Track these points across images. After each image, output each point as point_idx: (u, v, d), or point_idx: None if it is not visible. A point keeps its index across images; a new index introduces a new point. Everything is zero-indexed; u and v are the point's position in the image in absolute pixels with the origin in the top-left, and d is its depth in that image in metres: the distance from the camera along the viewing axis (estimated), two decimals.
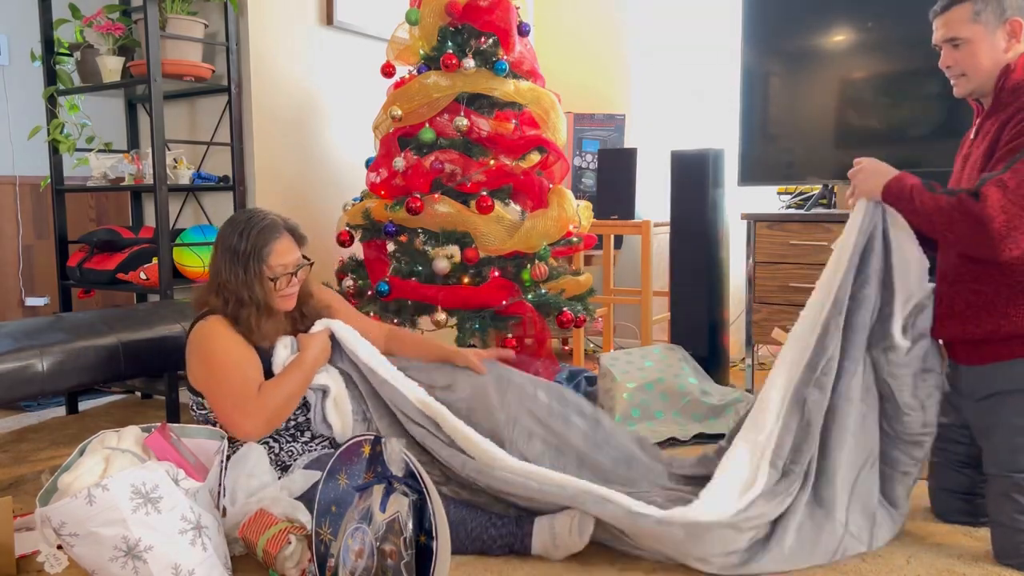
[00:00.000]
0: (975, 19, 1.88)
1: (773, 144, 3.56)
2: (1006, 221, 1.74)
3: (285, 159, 3.32)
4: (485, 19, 2.89)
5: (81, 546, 1.59)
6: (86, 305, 3.60)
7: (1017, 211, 1.74)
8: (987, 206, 1.74)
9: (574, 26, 4.60)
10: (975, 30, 1.88)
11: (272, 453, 2.09)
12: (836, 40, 3.41)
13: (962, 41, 1.90)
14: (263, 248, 2.03)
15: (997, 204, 1.74)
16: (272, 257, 2.03)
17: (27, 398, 2.25)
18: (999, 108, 1.91)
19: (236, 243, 2.03)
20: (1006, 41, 1.88)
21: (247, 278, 2.02)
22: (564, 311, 2.89)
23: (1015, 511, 1.83)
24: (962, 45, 1.91)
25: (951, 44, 1.93)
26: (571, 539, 1.84)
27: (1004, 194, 1.75)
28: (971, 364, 1.94)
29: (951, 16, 1.91)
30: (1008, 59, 1.89)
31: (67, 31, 3.23)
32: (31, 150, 3.61)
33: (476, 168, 2.86)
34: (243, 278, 2.02)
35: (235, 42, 3.13)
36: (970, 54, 1.90)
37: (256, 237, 2.03)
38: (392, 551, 1.57)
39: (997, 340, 1.87)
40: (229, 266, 2.03)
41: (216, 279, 2.07)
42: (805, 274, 3.31)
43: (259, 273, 2.02)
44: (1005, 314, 1.85)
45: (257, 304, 2.04)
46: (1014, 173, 1.75)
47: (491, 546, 1.89)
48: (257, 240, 2.03)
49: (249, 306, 2.03)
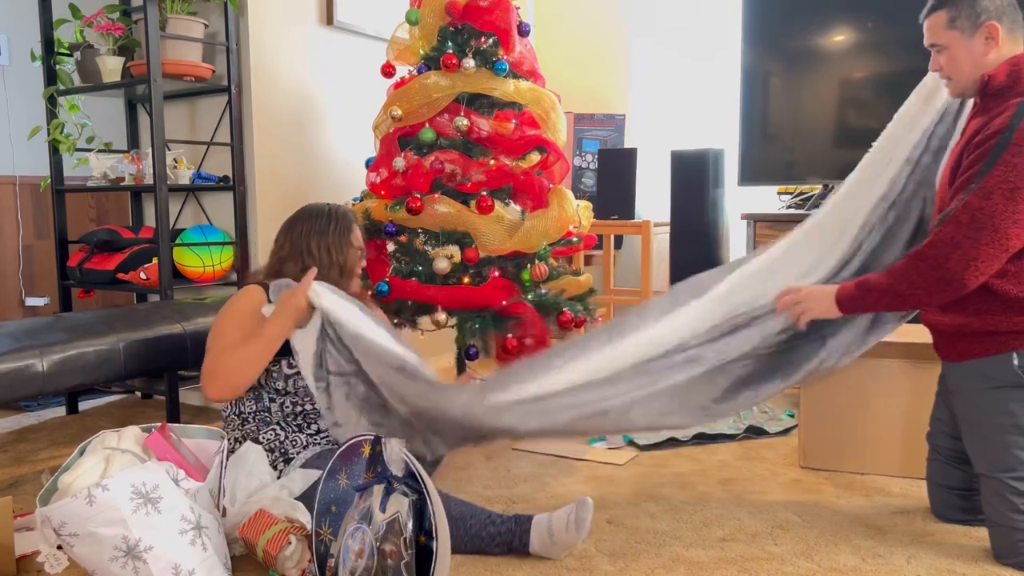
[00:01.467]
0: (950, 25, 1.92)
1: (773, 144, 3.56)
2: (962, 256, 1.78)
3: (285, 159, 3.32)
4: (485, 19, 2.89)
5: (81, 546, 1.59)
6: (86, 305, 3.60)
7: (970, 244, 1.77)
8: (937, 247, 1.80)
9: (574, 26, 4.60)
10: (951, 36, 1.92)
11: (276, 441, 2.11)
12: (836, 40, 3.42)
13: (942, 46, 1.95)
14: (350, 224, 2.32)
15: (948, 241, 1.79)
16: (355, 232, 2.33)
17: (27, 398, 2.25)
18: (983, 111, 1.93)
19: (326, 219, 2.28)
20: (984, 45, 1.90)
21: (338, 243, 2.26)
22: (564, 311, 2.88)
23: (1009, 510, 1.84)
24: (943, 50, 1.95)
25: (935, 49, 1.98)
26: (568, 535, 1.85)
27: (957, 229, 1.79)
28: (952, 360, 1.96)
29: (930, 23, 1.96)
30: (989, 61, 1.91)
31: (67, 31, 3.23)
32: (31, 150, 3.61)
33: (476, 168, 2.86)
34: (335, 242, 2.25)
35: (235, 42, 3.13)
36: (951, 59, 1.94)
37: (343, 215, 2.32)
38: (392, 551, 1.57)
39: (971, 335, 1.88)
40: (319, 234, 2.25)
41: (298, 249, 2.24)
42: None
43: (348, 242, 2.28)
44: (977, 311, 1.87)
45: (341, 268, 2.25)
46: (965, 207, 1.79)
47: (489, 544, 1.90)
48: (345, 218, 2.32)
49: (335, 267, 2.24)
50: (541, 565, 1.88)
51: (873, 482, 2.41)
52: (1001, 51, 1.90)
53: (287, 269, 2.21)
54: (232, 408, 2.19)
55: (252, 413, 2.15)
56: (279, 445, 2.11)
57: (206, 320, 2.69)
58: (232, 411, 2.19)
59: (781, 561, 1.91)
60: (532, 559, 1.89)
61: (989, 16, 1.89)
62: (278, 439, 2.11)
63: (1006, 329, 1.84)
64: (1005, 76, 1.88)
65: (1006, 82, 1.87)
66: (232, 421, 2.19)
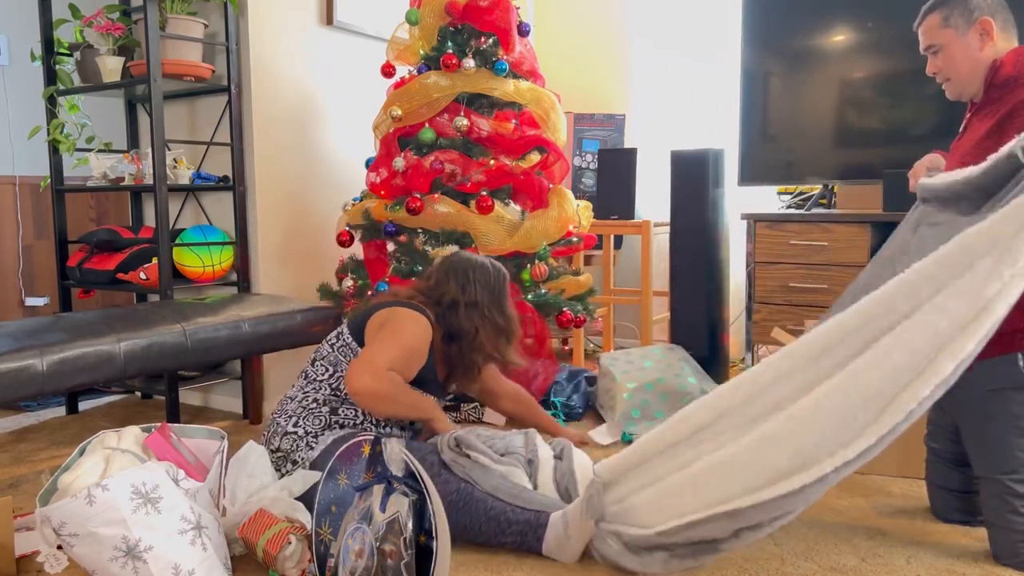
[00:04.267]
0: (945, 24, 1.96)
1: (773, 144, 3.56)
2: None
3: (285, 159, 3.32)
4: (485, 19, 2.89)
5: (81, 546, 1.59)
6: (86, 305, 3.60)
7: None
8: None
9: (574, 26, 4.60)
10: (946, 35, 1.97)
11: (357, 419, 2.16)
12: (836, 40, 3.42)
13: (938, 47, 1.99)
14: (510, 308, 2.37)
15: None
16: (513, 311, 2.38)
17: (27, 398, 2.25)
18: (989, 103, 1.94)
19: (498, 291, 2.34)
20: (979, 40, 1.95)
21: (493, 319, 2.30)
22: (564, 311, 2.89)
23: (1009, 512, 1.83)
24: (939, 51, 1.99)
25: (931, 52, 2.01)
26: (582, 522, 1.81)
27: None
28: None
29: (925, 25, 2.01)
30: (984, 57, 1.94)
31: (67, 31, 3.23)
32: (31, 150, 3.61)
33: (476, 168, 2.86)
34: (491, 317, 2.29)
35: (235, 42, 3.13)
36: (948, 59, 1.98)
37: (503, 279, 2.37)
38: (392, 551, 1.57)
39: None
40: (489, 300, 2.30)
41: (447, 301, 2.28)
42: (805, 274, 3.31)
43: (511, 332, 2.35)
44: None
45: (497, 329, 2.31)
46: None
47: (503, 533, 1.88)
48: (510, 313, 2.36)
49: (502, 336, 2.32)
50: (541, 565, 1.87)
51: (873, 482, 2.41)
52: (996, 46, 1.94)
53: (445, 314, 2.27)
54: (331, 377, 2.21)
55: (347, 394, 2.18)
56: (352, 418, 2.17)
57: (206, 320, 2.69)
58: (329, 379, 2.20)
59: (781, 561, 1.91)
60: (532, 559, 1.89)
61: (982, 12, 1.94)
62: (356, 417, 2.17)
63: (1010, 329, 1.83)
64: (1012, 66, 1.89)
65: (1013, 72, 1.88)
66: (321, 386, 2.20)
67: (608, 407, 3.06)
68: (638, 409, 2.98)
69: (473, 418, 3.10)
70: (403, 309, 2.22)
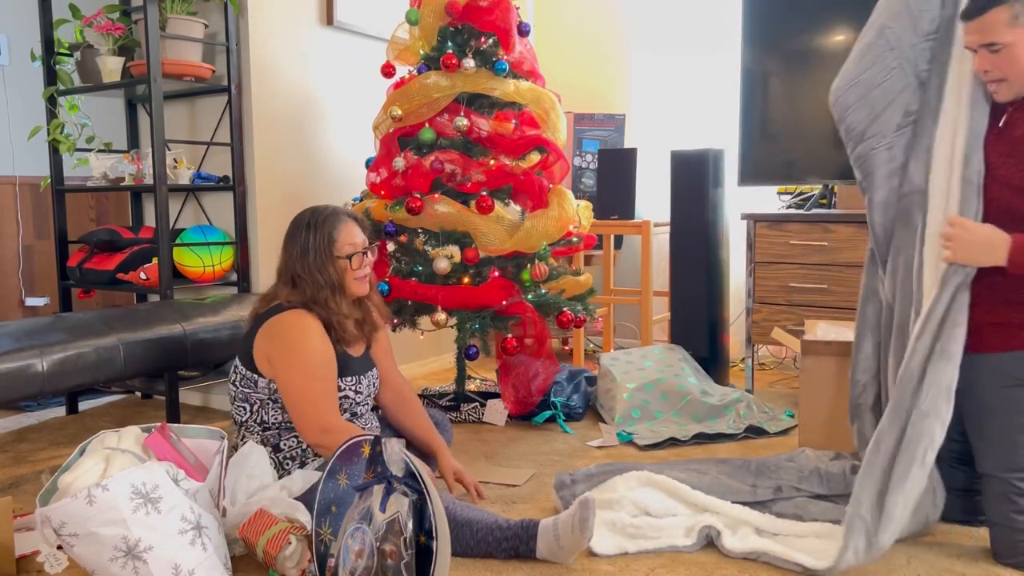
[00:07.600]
0: (1014, 22, 1.77)
1: (773, 144, 3.56)
2: None
3: (285, 159, 3.32)
4: (485, 19, 2.89)
5: (81, 546, 1.59)
6: (86, 305, 3.60)
7: None
8: None
9: (574, 26, 4.60)
10: (1016, 34, 1.78)
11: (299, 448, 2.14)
12: (836, 40, 3.41)
13: (1001, 46, 1.80)
14: (332, 232, 2.16)
15: None
16: (341, 237, 2.16)
17: (27, 398, 2.25)
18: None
19: (306, 233, 2.16)
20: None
21: (320, 261, 2.13)
22: (564, 311, 2.89)
23: (1012, 511, 1.83)
24: (1001, 50, 1.80)
25: (988, 49, 1.82)
26: (574, 537, 1.83)
27: None
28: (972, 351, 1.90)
29: (987, 20, 1.80)
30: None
31: (67, 31, 3.23)
32: (31, 150, 3.61)
33: (476, 168, 2.86)
34: (317, 262, 2.13)
35: (235, 42, 3.13)
36: (1010, 59, 1.80)
37: (323, 224, 2.16)
38: (392, 551, 1.57)
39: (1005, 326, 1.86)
40: (301, 254, 2.15)
41: (289, 272, 2.17)
42: (805, 274, 3.31)
43: (331, 255, 2.15)
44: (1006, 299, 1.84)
45: (332, 286, 2.14)
46: None
47: (496, 549, 1.89)
48: (325, 226, 2.16)
49: (324, 288, 2.13)
50: (541, 565, 1.87)
51: None
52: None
53: (286, 295, 2.15)
54: (252, 415, 2.15)
55: (278, 424, 2.14)
56: (300, 453, 2.14)
57: (206, 320, 2.69)
58: (252, 418, 2.16)
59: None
60: (532, 560, 1.89)
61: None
62: (300, 447, 2.14)
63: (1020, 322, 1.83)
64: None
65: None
66: (251, 427, 2.16)
67: (608, 407, 3.06)
68: (638, 409, 2.98)
69: (473, 418, 3.10)
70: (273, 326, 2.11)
